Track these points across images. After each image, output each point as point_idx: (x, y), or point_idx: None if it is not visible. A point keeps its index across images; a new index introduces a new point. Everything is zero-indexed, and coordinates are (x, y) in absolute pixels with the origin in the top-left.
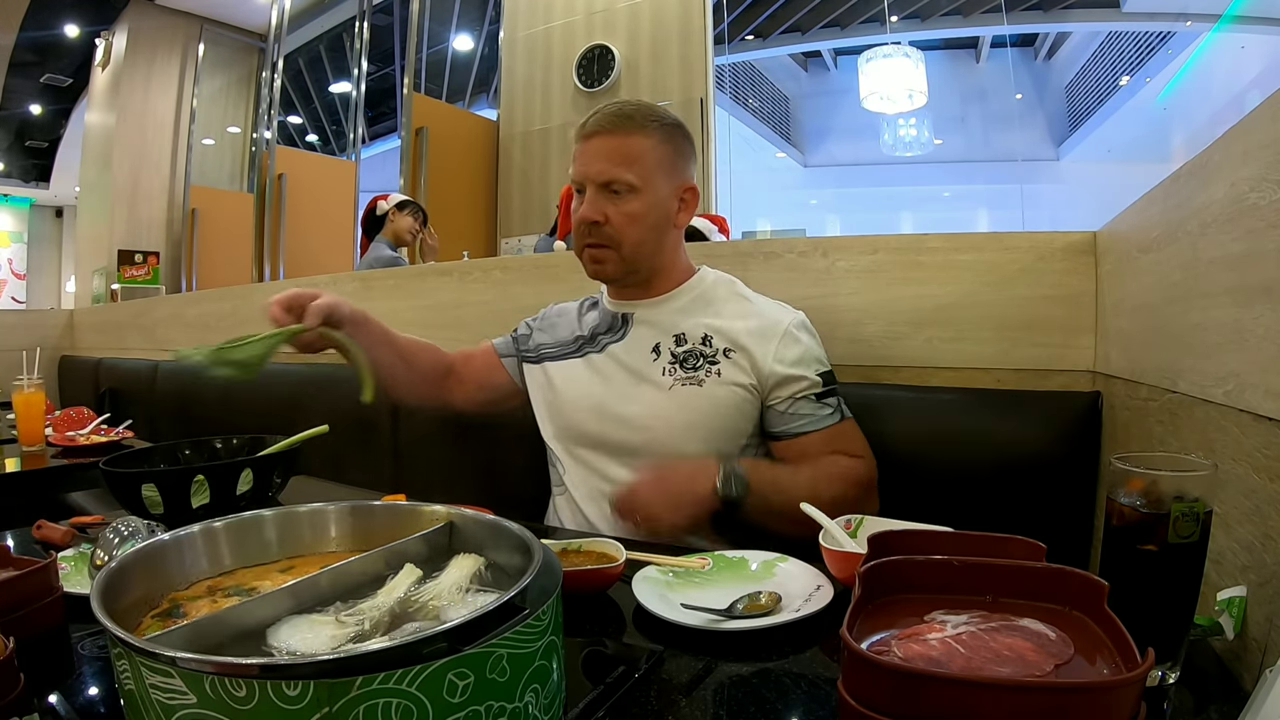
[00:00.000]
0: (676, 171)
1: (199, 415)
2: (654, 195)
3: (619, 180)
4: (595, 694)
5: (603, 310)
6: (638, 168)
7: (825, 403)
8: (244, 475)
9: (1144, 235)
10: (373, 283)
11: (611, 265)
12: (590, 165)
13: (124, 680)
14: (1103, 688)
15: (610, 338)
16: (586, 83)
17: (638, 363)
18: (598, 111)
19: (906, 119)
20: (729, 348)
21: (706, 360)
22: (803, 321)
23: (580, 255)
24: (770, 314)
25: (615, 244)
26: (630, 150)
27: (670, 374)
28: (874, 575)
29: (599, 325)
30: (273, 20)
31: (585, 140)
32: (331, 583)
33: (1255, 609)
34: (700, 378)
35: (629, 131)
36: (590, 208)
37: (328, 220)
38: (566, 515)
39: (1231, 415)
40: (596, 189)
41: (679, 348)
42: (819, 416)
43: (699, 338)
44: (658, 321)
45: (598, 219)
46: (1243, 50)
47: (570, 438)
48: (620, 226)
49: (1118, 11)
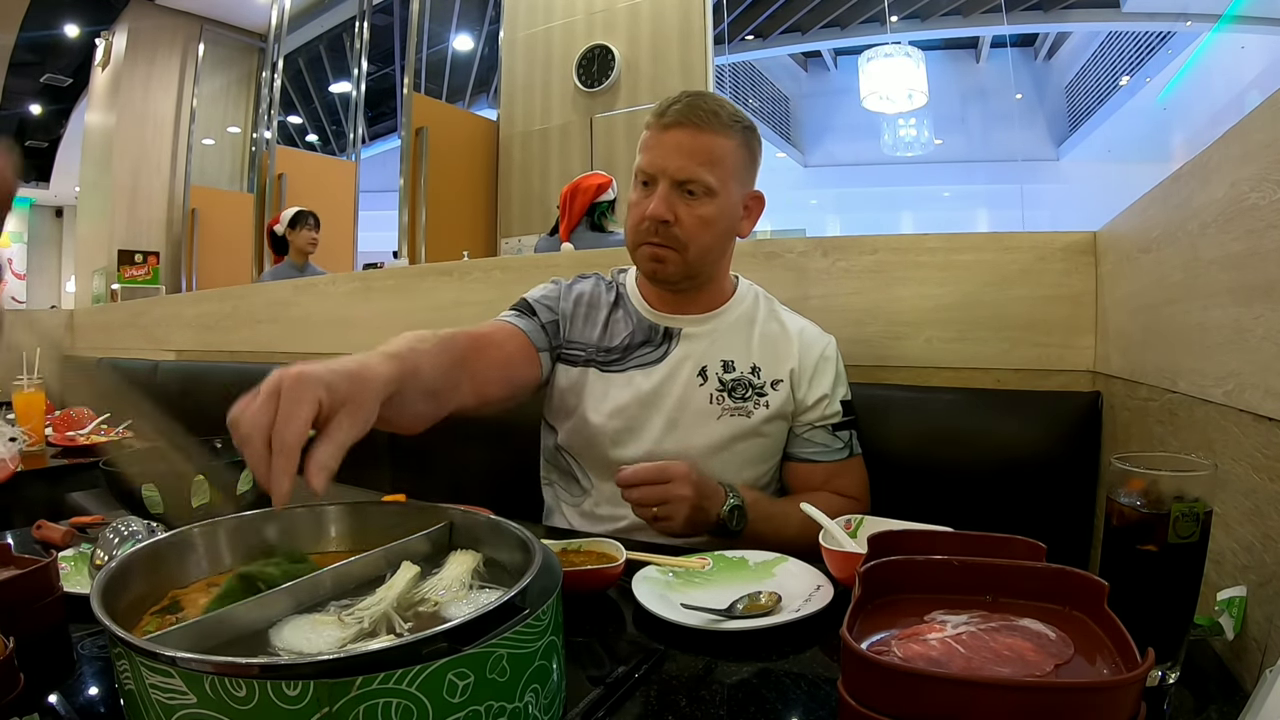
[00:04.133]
0: (748, 178)
1: (199, 415)
2: (728, 200)
3: (698, 181)
4: (595, 694)
5: (638, 319)
6: (719, 170)
7: (839, 435)
8: (244, 475)
9: (1144, 235)
10: (372, 283)
11: (673, 266)
12: (669, 160)
13: (124, 680)
14: (1103, 688)
15: (652, 353)
16: (586, 83)
17: (682, 386)
18: (679, 101)
19: (906, 119)
20: (776, 379)
21: (755, 391)
22: (835, 348)
23: (635, 250)
24: (810, 342)
25: (681, 246)
26: (714, 150)
27: (718, 402)
28: (874, 575)
29: (634, 336)
30: (273, 20)
31: (663, 130)
32: (332, 583)
33: (1255, 609)
34: (749, 409)
35: (715, 130)
36: (662, 204)
37: (327, 220)
38: (586, 528)
39: (1231, 415)
40: (671, 186)
41: (727, 374)
42: (830, 448)
43: (749, 367)
44: (704, 342)
45: (668, 218)
46: (1243, 50)
47: (602, 458)
48: (691, 229)
49: (1118, 11)
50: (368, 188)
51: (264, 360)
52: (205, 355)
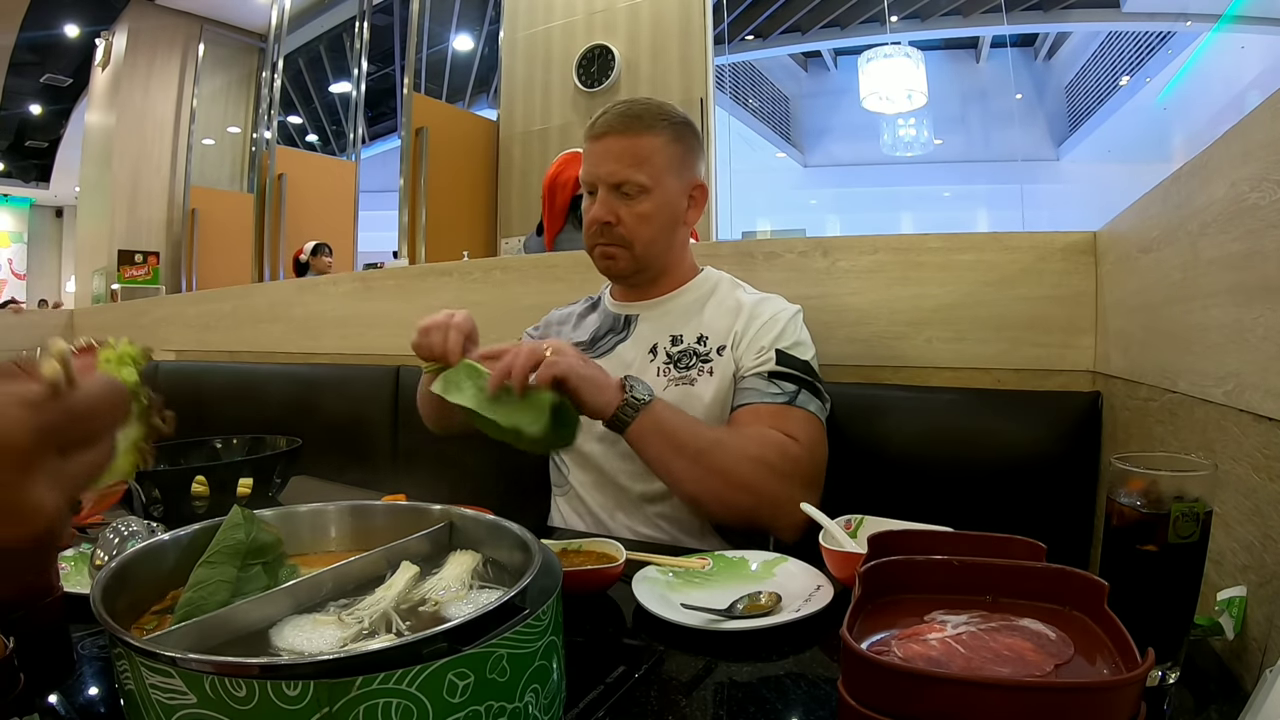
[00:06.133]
0: (686, 169)
1: (199, 415)
2: (665, 195)
3: (630, 182)
4: (595, 694)
5: (604, 311)
6: (648, 168)
7: (776, 383)
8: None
9: (1144, 235)
10: (372, 283)
11: (623, 262)
12: (601, 166)
13: (124, 680)
14: (1103, 688)
15: (614, 339)
16: (586, 83)
17: (636, 364)
18: (606, 111)
19: (906, 119)
20: (722, 344)
21: (700, 359)
22: (793, 313)
23: (591, 253)
24: (763, 310)
25: (627, 244)
26: (641, 151)
27: (664, 374)
28: (874, 575)
29: (601, 327)
30: (273, 20)
31: (595, 140)
32: (332, 583)
33: (1255, 609)
34: (693, 377)
35: (639, 132)
36: (603, 209)
37: (328, 220)
38: (570, 514)
39: (1231, 415)
40: (608, 190)
41: (674, 348)
42: (763, 392)
43: (695, 337)
44: (658, 322)
45: (610, 220)
46: (1243, 50)
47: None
48: (632, 227)
49: (1118, 11)
50: (368, 188)
51: (264, 360)
52: (205, 355)
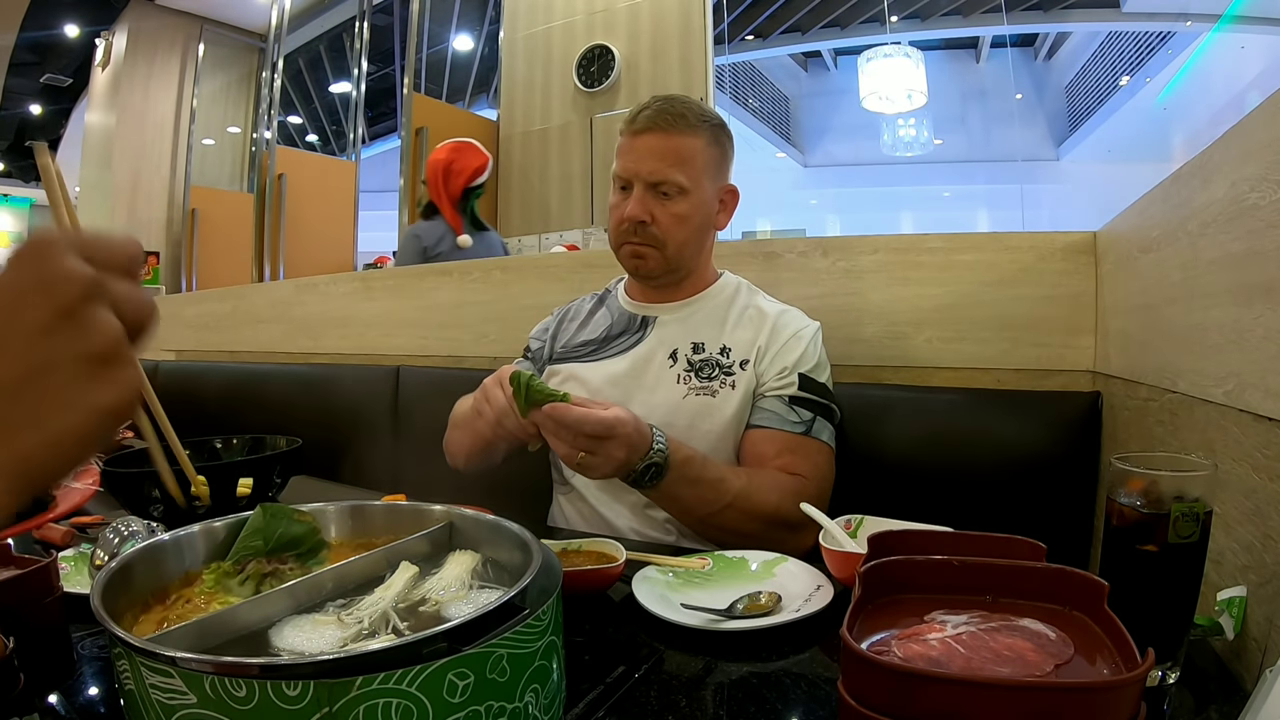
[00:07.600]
0: (721, 173)
1: (199, 415)
2: (701, 196)
3: (670, 181)
4: (595, 694)
5: (618, 310)
6: (689, 169)
7: (795, 409)
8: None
9: (1144, 235)
10: (372, 283)
11: (654, 262)
12: (641, 164)
13: (124, 680)
14: (1103, 688)
15: (628, 340)
16: (586, 83)
17: (654, 368)
18: (648, 107)
19: (906, 119)
20: (745, 359)
21: (722, 371)
22: (814, 332)
23: (618, 250)
24: (785, 323)
25: (660, 244)
26: (682, 151)
27: (684, 381)
28: (874, 575)
29: (614, 326)
30: (273, 20)
31: (634, 136)
32: (332, 583)
33: (1255, 609)
34: (714, 388)
35: (681, 131)
36: (638, 206)
37: (328, 220)
38: (572, 513)
39: (1231, 415)
40: (645, 188)
41: (696, 356)
42: (783, 418)
43: (718, 348)
44: (679, 326)
45: (645, 219)
46: (1242, 50)
47: None
48: (667, 228)
49: (1118, 11)
50: (368, 188)
51: (264, 360)
52: (205, 355)
